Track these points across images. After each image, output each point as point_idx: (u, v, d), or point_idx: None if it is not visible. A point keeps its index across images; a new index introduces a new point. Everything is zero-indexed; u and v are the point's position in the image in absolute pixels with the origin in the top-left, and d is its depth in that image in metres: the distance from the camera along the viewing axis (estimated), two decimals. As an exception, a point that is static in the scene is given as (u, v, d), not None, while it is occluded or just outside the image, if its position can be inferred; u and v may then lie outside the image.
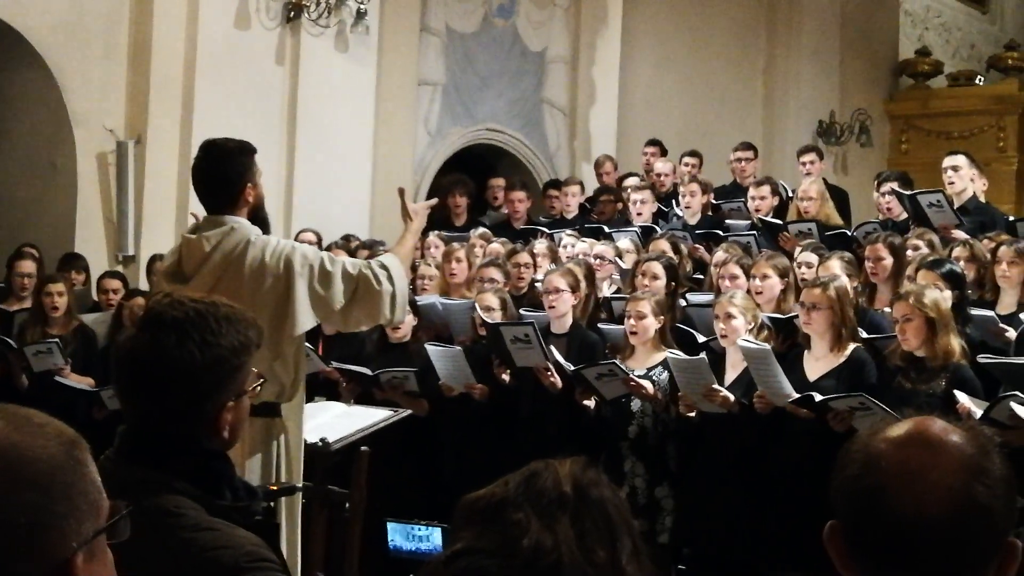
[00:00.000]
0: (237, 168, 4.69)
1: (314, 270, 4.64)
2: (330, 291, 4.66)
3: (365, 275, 4.73)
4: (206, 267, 4.57)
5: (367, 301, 4.73)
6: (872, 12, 15.71)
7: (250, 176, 4.70)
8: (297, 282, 4.59)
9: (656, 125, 12.54)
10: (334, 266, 4.71)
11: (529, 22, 12.16)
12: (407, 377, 6.87)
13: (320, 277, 4.65)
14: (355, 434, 5.17)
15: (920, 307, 5.59)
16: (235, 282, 4.52)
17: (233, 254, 4.57)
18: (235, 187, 4.66)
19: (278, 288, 4.56)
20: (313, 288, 4.62)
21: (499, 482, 1.73)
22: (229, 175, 4.68)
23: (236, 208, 4.66)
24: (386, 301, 4.75)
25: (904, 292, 5.79)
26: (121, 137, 9.55)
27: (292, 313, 4.55)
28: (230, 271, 4.56)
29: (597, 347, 6.80)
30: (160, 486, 2.31)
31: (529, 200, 10.61)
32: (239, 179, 4.67)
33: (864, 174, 12.22)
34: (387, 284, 4.74)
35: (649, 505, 6.36)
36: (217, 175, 4.69)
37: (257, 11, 10.07)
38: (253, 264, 4.56)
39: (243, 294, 4.45)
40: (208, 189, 4.72)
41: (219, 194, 4.68)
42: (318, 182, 10.27)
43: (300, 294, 4.59)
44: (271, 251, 4.63)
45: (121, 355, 2.40)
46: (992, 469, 1.66)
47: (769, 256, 7.00)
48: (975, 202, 8.47)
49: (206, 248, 4.60)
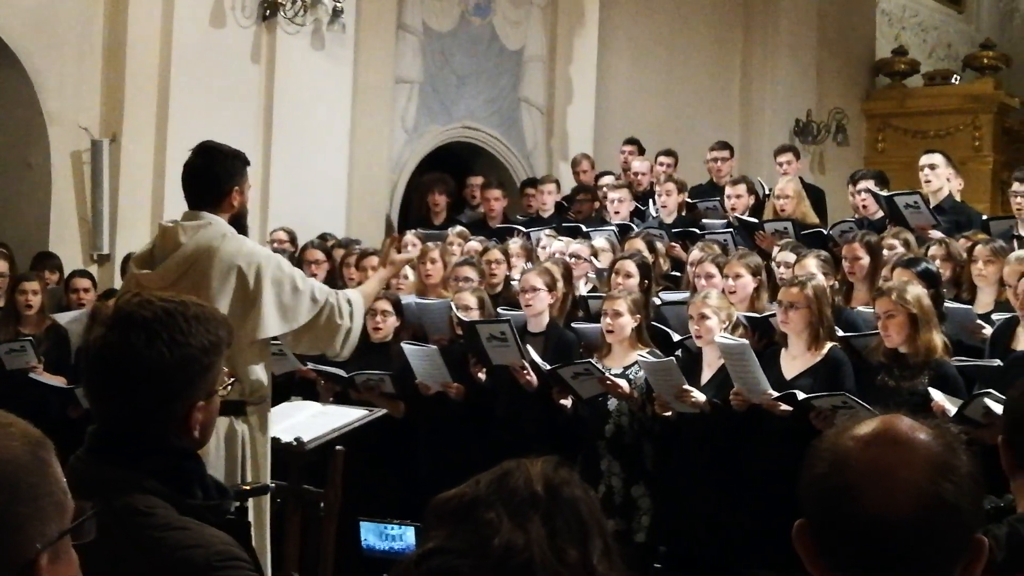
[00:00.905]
0: (228, 170, 4.77)
1: (285, 282, 4.70)
2: (296, 307, 4.73)
3: (331, 304, 4.84)
4: (177, 255, 4.62)
5: (325, 329, 4.83)
6: (849, 11, 15.77)
7: (239, 182, 4.77)
8: (269, 287, 4.64)
9: (633, 124, 12.56)
10: (304, 285, 4.80)
11: (506, 20, 12.16)
12: (383, 379, 6.85)
13: (290, 290, 4.71)
14: (330, 433, 5.17)
15: (903, 303, 5.61)
16: (203, 274, 4.57)
17: (206, 247, 4.61)
18: (222, 187, 4.73)
19: (245, 288, 4.60)
20: (281, 298, 4.67)
21: (471, 481, 1.74)
22: (219, 175, 4.75)
23: (219, 209, 4.72)
24: (341, 335, 4.87)
25: (886, 288, 5.80)
26: (96, 136, 9.49)
27: (259, 316, 4.59)
28: (200, 263, 4.60)
29: (573, 346, 6.81)
30: (131, 485, 2.30)
31: (505, 199, 10.61)
32: (228, 180, 4.74)
33: (841, 173, 12.25)
34: (347, 320, 4.86)
35: (626, 504, 6.36)
36: (207, 173, 4.75)
37: (232, 9, 10.02)
38: (224, 259, 4.60)
39: (211, 287, 4.49)
40: (195, 185, 4.77)
41: (205, 192, 4.74)
42: (294, 181, 10.24)
43: (269, 299, 4.62)
44: (246, 250, 4.67)
45: (91, 354, 2.39)
46: (959, 467, 1.66)
47: (742, 255, 7.02)
48: (951, 201, 8.51)
49: (182, 238, 4.65)
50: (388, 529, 5.60)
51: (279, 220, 9.88)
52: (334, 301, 4.84)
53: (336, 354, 5.04)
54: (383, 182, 11.23)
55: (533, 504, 1.69)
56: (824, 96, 15.15)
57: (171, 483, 2.33)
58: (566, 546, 1.66)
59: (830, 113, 15.03)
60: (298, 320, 4.74)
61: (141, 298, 2.38)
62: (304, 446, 5.07)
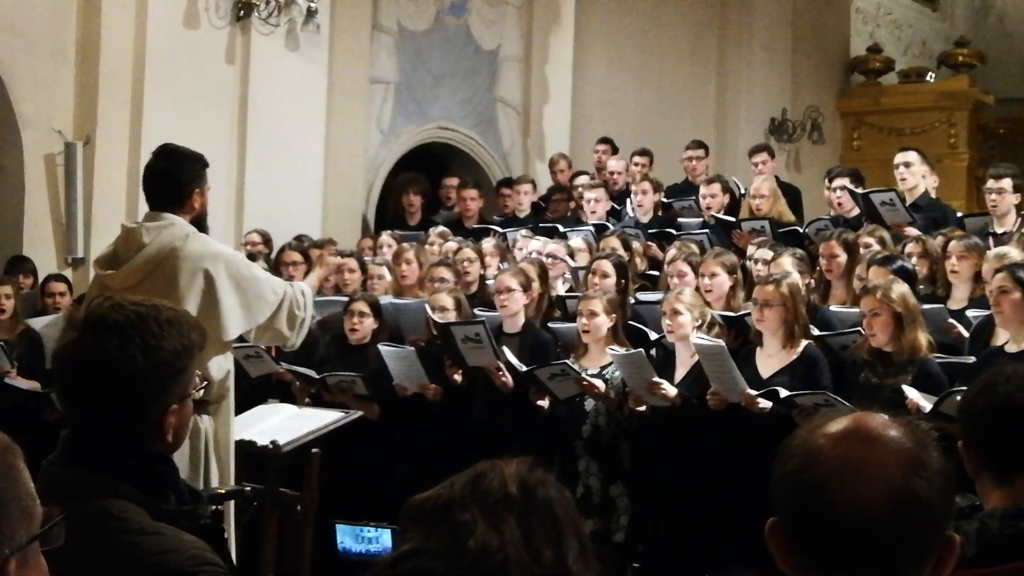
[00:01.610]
0: (190, 172, 4.84)
1: (248, 280, 4.81)
2: (259, 304, 4.83)
3: (290, 296, 4.95)
4: (141, 255, 4.67)
5: (287, 321, 4.95)
6: (823, 10, 15.81)
7: (200, 184, 4.85)
8: (235, 286, 4.72)
9: (609, 123, 12.57)
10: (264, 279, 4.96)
11: (482, 20, 12.15)
12: (354, 380, 6.84)
13: (253, 287, 4.81)
14: (306, 436, 5.18)
15: (888, 302, 5.62)
16: (169, 275, 4.62)
17: (169, 246, 4.67)
18: (184, 189, 4.79)
19: (212, 288, 4.68)
20: (246, 296, 4.76)
21: (445, 483, 1.74)
22: (181, 177, 4.82)
23: (181, 210, 4.78)
24: (297, 324, 5.01)
25: (872, 287, 5.81)
26: (69, 138, 9.45)
27: (220, 316, 4.62)
28: (165, 263, 4.66)
29: (549, 346, 6.81)
30: (104, 490, 2.29)
31: (482, 199, 10.61)
32: (190, 182, 4.81)
33: (817, 171, 12.29)
34: (302, 310, 5.01)
35: (604, 504, 6.37)
36: (169, 175, 4.81)
37: (206, 10, 9.99)
38: (190, 259, 4.67)
39: (176, 287, 4.54)
40: (157, 187, 4.84)
41: (167, 193, 4.81)
42: (269, 182, 10.21)
43: (234, 299, 4.69)
44: (210, 251, 4.76)
45: (62, 359, 2.38)
46: (930, 463, 1.67)
47: (717, 254, 7.04)
48: (927, 199, 8.53)
49: (144, 238, 4.70)
50: (364, 532, 5.58)
51: (254, 221, 9.86)
52: (291, 293, 4.96)
53: (292, 345, 5.19)
54: (359, 183, 11.22)
55: (508, 505, 1.69)
56: (799, 94, 15.19)
57: (145, 488, 2.32)
58: (541, 547, 1.66)
59: (805, 111, 15.07)
60: (263, 315, 4.84)
61: (113, 302, 2.37)
62: (280, 449, 5.07)
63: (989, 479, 2.48)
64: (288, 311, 4.93)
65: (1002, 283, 5.51)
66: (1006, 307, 5.49)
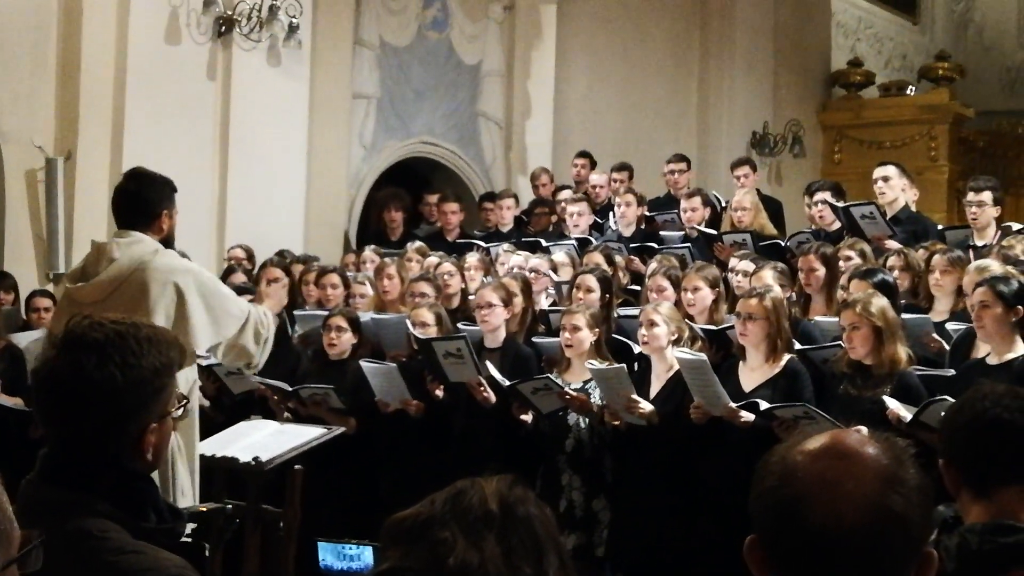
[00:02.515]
0: (159, 194, 4.97)
1: (215, 295, 4.90)
2: (225, 320, 4.91)
3: (254, 316, 5.04)
4: (111, 269, 4.75)
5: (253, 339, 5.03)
6: (804, 24, 15.88)
7: (168, 206, 4.96)
8: (201, 300, 4.79)
9: (591, 137, 12.60)
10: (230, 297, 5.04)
11: (463, 35, 12.17)
12: (328, 393, 6.83)
13: (219, 303, 4.90)
14: (288, 452, 5.17)
15: (867, 315, 5.64)
16: (139, 288, 4.69)
17: (139, 260, 4.75)
18: (153, 209, 4.91)
19: (182, 302, 4.74)
20: (213, 311, 4.84)
21: (425, 501, 1.74)
22: (150, 198, 4.95)
23: (149, 230, 4.91)
24: (262, 343, 5.09)
25: (852, 300, 5.82)
26: (50, 154, 9.43)
27: (192, 329, 4.70)
28: (134, 276, 4.75)
29: (531, 361, 6.80)
30: (83, 509, 2.28)
31: (463, 212, 10.61)
32: (159, 203, 4.93)
33: (798, 184, 12.33)
34: (266, 330, 5.10)
35: (587, 518, 6.36)
36: (139, 196, 4.95)
37: (188, 26, 9.98)
38: (160, 273, 4.76)
39: (146, 301, 4.60)
40: (127, 207, 4.96)
41: (138, 214, 4.93)
42: (251, 197, 10.20)
43: (201, 313, 4.78)
44: (178, 265, 4.85)
45: (41, 377, 2.37)
46: (907, 479, 1.68)
47: (699, 268, 7.05)
48: (907, 212, 8.56)
49: (115, 252, 4.79)
50: (346, 549, 5.56)
51: (236, 237, 9.84)
52: (256, 312, 5.06)
53: (256, 365, 5.28)
54: (341, 198, 11.21)
55: (487, 522, 1.69)
56: (780, 108, 15.24)
57: (124, 506, 2.31)
58: (521, 564, 1.67)
59: (787, 125, 15.12)
60: (230, 329, 4.91)
61: (92, 320, 2.36)
62: (263, 466, 5.06)
63: (969, 494, 2.50)
64: (253, 328, 5.01)
65: (982, 297, 5.52)
66: (987, 321, 5.50)
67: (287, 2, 10.24)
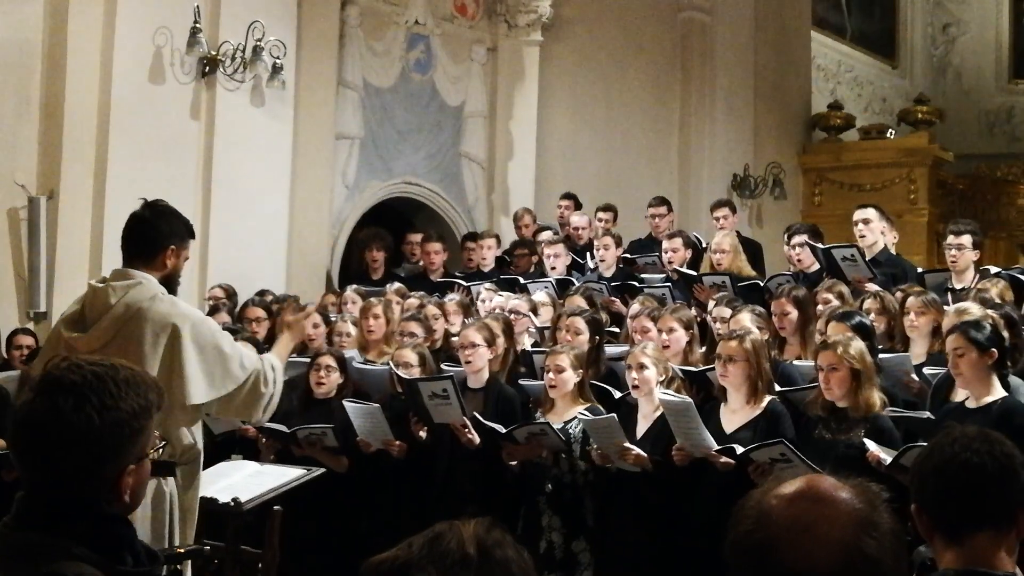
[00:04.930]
0: (169, 227, 4.76)
1: (214, 348, 4.66)
2: (224, 375, 4.68)
3: (258, 371, 4.79)
4: (108, 317, 4.57)
5: (251, 396, 4.79)
6: (784, 67, 16.01)
7: (176, 242, 4.74)
8: (199, 352, 4.60)
9: (573, 178, 12.66)
10: (233, 351, 4.75)
11: (446, 77, 12.24)
12: (325, 433, 6.82)
13: (219, 357, 4.67)
14: (268, 493, 5.14)
15: (847, 357, 5.65)
16: (135, 335, 4.51)
17: (136, 308, 4.56)
18: (159, 241, 4.70)
19: (177, 349, 4.56)
20: (210, 364, 4.63)
21: (403, 544, 1.74)
22: (160, 228, 4.73)
23: (151, 266, 4.68)
24: (264, 402, 4.83)
25: (832, 342, 5.82)
26: (33, 192, 9.42)
27: (188, 381, 4.53)
28: (131, 323, 4.55)
29: (515, 401, 6.81)
30: (59, 551, 2.27)
31: (446, 253, 10.64)
32: (167, 238, 4.72)
33: (778, 226, 12.38)
34: (271, 387, 4.83)
35: (566, 560, 6.34)
36: (148, 223, 4.73)
37: (172, 65, 10.01)
38: (155, 320, 4.55)
39: (142, 348, 4.45)
40: (133, 234, 4.74)
41: (141, 242, 4.71)
42: (234, 236, 10.20)
43: (198, 365, 4.58)
44: (178, 312, 4.63)
45: (18, 419, 2.36)
46: (881, 523, 1.69)
47: (674, 309, 7.10)
48: (886, 254, 8.59)
49: (111, 299, 4.59)
50: (324, 590, 5.55)
51: (219, 276, 9.84)
52: (260, 367, 4.80)
53: (257, 420, 5.06)
54: (323, 238, 11.22)
55: (465, 566, 1.69)
56: (761, 150, 15.33)
57: (101, 549, 2.30)
58: (498, 607, 1.67)
59: (767, 167, 15.20)
60: (226, 387, 4.69)
61: (70, 362, 2.35)
62: (242, 506, 5.02)
63: (941, 540, 2.50)
64: (252, 386, 4.76)
65: (956, 344, 5.51)
66: (964, 368, 5.50)
67: (271, 43, 10.28)
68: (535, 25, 12.70)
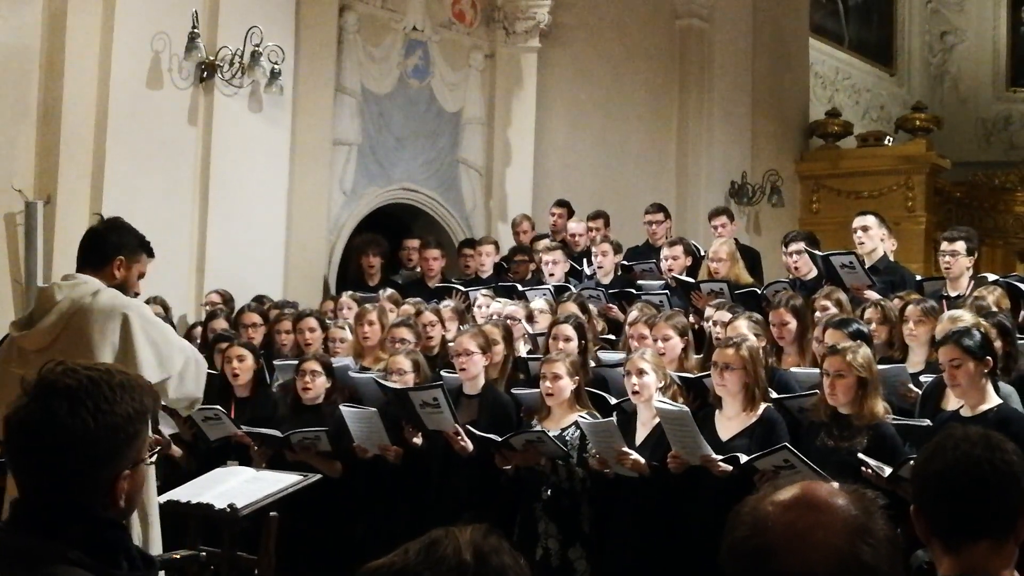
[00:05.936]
0: (119, 239, 4.89)
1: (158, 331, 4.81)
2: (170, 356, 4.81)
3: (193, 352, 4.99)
4: (53, 312, 4.69)
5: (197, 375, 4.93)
6: (782, 74, 16.03)
7: (125, 253, 4.86)
8: (146, 336, 4.71)
9: (571, 185, 12.67)
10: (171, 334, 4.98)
11: (444, 83, 12.25)
12: (319, 437, 6.82)
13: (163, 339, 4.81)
14: (264, 499, 5.14)
15: (854, 364, 5.63)
16: (82, 327, 4.63)
17: (81, 300, 4.68)
18: (108, 251, 4.84)
19: (127, 337, 4.67)
20: (158, 347, 4.75)
21: (399, 550, 1.74)
22: (109, 239, 4.88)
23: (99, 274, 4.81)
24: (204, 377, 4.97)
25: (840, 347, 5.80)
26: (30, 198, 9.40)
27: (137, 366, 4.64)
28: (77, 316, 4.67)
29: (509, 408, 6.80)
30: (54, 556, 2.26)
31: (444, 259, 10.64)
32: (116, 248, 4.85)
33: (776, 234, 12.40)
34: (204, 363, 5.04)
35: (563, 567, 6.33)
36: (98, 235, 4.93)
37: (169, 71, 10.01)
38: (101, 310, 4.67)
39: (91, 339, 4.54)
40: (84, 245, 4.92)
41: (90, 252, 4.87)
42: (231, 242, 10.20)
43: (147, 348, 4.70)
44: (121, 301, 4.74)
45: (12, 424, 2.35)
46: (876, 530, 1.69)
47: (668, 316, 7.10)
48: (885, 262, 8.58)
49: (57, 296, 4.71)
50: (320, 596, 5.55)
51: (216, 282, 9.83)
52: (191, 349, 5.01)
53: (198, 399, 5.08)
54: (321, 244, 11.22)
55: (461, 573, 1.69)
56: (759, 158, 15.35)
57: (96, 554, 2.29)
58: (495, 613, 1.67)
59: (765, 175, 15.22)
60: (174, 367, 4.81)
61: (65, 366, 2.35)
62: (238, 512, 5.03)
63: (939, 546, 2.49)
64: (196, 365, 4.93)
65: (951, 355, 5.49)
66: (961, 379, 5.47)
67: (269, 48, 10.28)
68: (533, 32, 12.72)
